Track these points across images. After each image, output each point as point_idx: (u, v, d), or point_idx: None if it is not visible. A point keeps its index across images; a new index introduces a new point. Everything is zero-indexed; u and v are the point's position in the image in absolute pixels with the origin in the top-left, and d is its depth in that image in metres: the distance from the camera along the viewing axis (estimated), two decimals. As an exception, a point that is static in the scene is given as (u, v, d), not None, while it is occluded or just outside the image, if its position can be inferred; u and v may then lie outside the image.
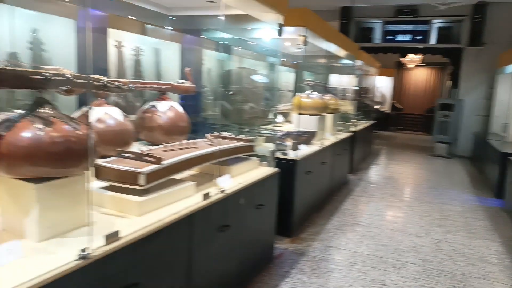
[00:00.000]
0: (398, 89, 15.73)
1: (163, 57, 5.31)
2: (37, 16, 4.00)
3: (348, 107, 7.61)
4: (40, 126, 1.40)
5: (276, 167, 3.13)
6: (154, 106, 2.82)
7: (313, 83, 5.26)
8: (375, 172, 7.42)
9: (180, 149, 2.36)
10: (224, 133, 3.03)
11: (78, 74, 1.54)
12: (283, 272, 3.10)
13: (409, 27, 10.38)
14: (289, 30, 3.97)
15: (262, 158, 3.17)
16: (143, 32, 4.72)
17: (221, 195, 2.29)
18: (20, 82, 1.43)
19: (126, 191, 1.88)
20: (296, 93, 5.75)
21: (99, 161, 1.94)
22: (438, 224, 4.54)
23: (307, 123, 4.79)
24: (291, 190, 3.71)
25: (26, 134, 1.38)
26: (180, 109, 2.91)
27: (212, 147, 2.51)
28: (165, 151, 2.26)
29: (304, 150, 4.15)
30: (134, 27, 4.71)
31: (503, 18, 8.90)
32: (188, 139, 2.81)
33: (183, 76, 3.99)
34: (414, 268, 3.34)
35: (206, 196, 2.16)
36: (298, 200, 3.86)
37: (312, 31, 4.13)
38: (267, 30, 4.01)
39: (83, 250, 1.36)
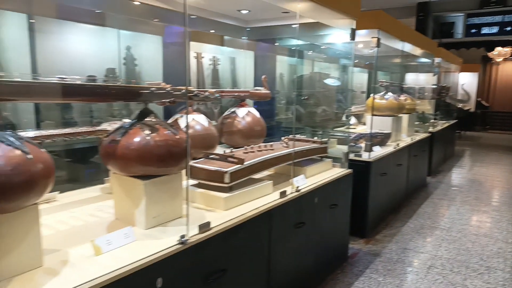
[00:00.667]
0: (485, 86, 14.53)
1: (237, 64, 5.61)
2: (130, 35, 4.55)
3: (426, 106, 7.30)
4: (147, 132, 1.69)
5: (350, 168, 3.20)
6: (234, 112, 3.07)
7: (387, 83, 5.18)
8: (457, 175, 7.00)
9: (259, 151, 2.56)
10: (298, 136, 3.19)
11: (176, 87, 1.81)
12: (357, 271, 3.16)
13: (497, 19, 9.60)
14: (361, 33, 4.00)
15: (336, 159, 3.26)
16: (220, 42, 5.07)
17: (297, 193, 2.45)
18: (131, 96, 1.73)
19: (213, 188, 2.12)
20: (370, 94, 5.70)
21: (190, 162, 2.21)
22: (530, 230, 4.21)
23: (382, 124, 4.74)
24: (365, 191, 3.73)
25: (137, 139, 1.67)
26: (257, 114, 3.12)
27: (287, 149, 2.68)
28: (245, 152, 2.48)
29: (378, 151, 4.14)
30: (212, 39, 5.07)
31: None
32: (264, 142, 3.02)
33: (257, 82, 4.23)
34: (501, 275, 3.17)
35: (283, 194, 2.33)
36: (373, 202, 3.87)
37: (385, 32, 4.11)
38: (339, 35, 4.08)
39: (182, 236, 1.61)
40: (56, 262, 1.40)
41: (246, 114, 3.05)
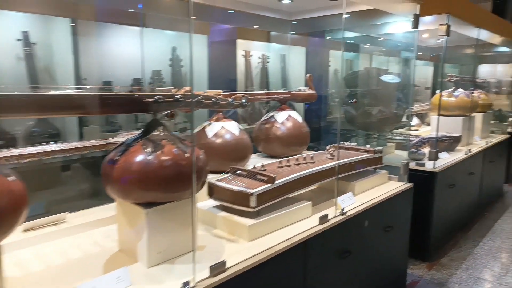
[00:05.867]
0: None
1: (288, 61, 5.21)
2: (175, 36, 4.35)
3: (503, 102, 6.40)
4: (149, 150, 1.39)
5: (411, 180, 2.70)
6: (272, 117, 2.72)
7: (457, 78, 4.50)
8: (542, 182, 6.03)
9: (296, 164, 2.18)
10: (346, 144, 2.75)
11: (190, 94, 1.49)
12: (417, 305, 2.67)
13: None
14: (427, 20, 3.44)
15: (392, 169, 2.78)
16: (267, 39, 4.71)
17: (341, 217, 2.04)
18: (131, 107, 1.44)
19: (238, 212, 1.79)
20: (436, 91, 5.03)
21: (213, 179, 1.90)
22: None
23: (450, 125, 4.12)
24: (429, 208, 3.20)
25: (137, 158, 1.38)
26: (299, 119, 2.74)
27: (331, 161, 2.27)
28: (280, 167, 2.11)
29: (446, 158, 3.56)
30: (259, 35, 4.73)
31: None
32: (313, 145, 2.62)
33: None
34: None
35: (324, 219, 1.94)
36: (437, 219, 3.31)
37: (456, 18, 3.49)
38: (399, 23, 3.54)
39: (186, 284, 1.29)
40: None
41: (286, 119, 2.69)
